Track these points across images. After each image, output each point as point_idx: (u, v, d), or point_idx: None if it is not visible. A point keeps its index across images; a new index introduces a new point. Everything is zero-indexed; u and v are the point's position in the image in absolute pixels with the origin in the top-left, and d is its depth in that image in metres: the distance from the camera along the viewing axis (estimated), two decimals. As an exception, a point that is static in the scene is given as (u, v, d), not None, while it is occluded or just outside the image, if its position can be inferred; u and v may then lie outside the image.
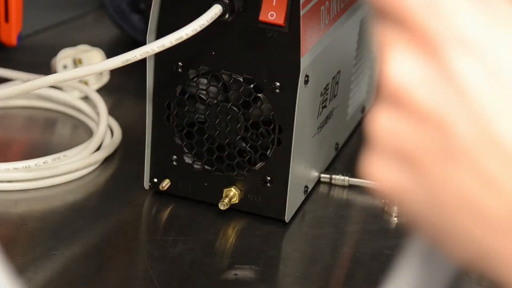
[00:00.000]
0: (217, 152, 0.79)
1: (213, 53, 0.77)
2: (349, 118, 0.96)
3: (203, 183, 0.81)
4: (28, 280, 0.71)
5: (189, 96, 0.79)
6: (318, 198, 0.86)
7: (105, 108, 0.92)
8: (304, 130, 0.79)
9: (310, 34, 0.76)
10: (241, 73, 0.76)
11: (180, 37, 0.70)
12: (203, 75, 0.78)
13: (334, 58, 0.85)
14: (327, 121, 0.86)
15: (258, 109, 0.77)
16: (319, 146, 0.86)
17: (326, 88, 0.84)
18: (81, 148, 0.88)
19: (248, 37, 0.75)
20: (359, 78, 0.96)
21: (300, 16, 0.73)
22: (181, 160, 0.81)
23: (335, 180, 0.87)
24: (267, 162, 0.78)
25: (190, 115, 0.79)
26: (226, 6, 0.73)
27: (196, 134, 0.79)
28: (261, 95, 0.76)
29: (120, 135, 0.92)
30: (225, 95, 0.77)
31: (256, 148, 0.78)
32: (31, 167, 0.83)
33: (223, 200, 0.79)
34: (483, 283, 0.74)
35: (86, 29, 1.18)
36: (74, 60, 1.01)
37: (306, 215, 0.83)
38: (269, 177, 0.79)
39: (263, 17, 0.74)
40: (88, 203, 0.83)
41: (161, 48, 0.70)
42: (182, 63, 0.78)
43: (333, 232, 0.81)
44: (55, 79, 0.71)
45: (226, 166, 0.80)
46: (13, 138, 0.94)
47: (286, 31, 0.74)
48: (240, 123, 0.78)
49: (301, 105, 0.76)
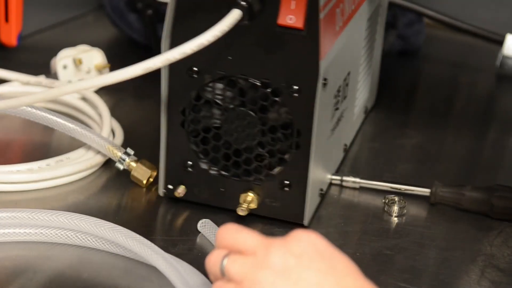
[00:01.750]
0: (234, 157, 0.78)
1: (229, 57, 0.76)
2: (355, 118, 0.96)
3: (219, 188, 0.80)
4: (29, 280, 0.71)
5: (205, 101, 0.78)
6: (330, 200, 0.85)
7: (107, 110, 0.92)
8: (321, 133, 0.78)
9: (327, 37, 0.75)
10: (258, 77, 0.75)
11: (201, 44, 0.69)
12: (219, 79, 0.77)
13: (346, 60, 0.85)
14: (338, 123, 0.86)
15: (275, 113, 0.76)
16: (332, 148, 0.85)
17: (338, 90, 0.83)
18: (84, 151, 0.87)
19: (265, 41, 0.74)
20: (364, 77, 0.96)
21: (319, 20, 0.72)
22: (196, 166, 0.80)
23: (346, 182, 0.87)
24: (285, 166, 0.78)
25: (206, 120, 0.78)
26: (245, 11, 0.72)
27: (212, 139, 0.78)
28: (278, 99, 0.76)
29: (122, 136, 0.91)
30: (241, 100, 0.76)
31: (273, 152, 0.77)
32: (34, 169, 0.83)
33: (242, 206, 0.78)
34: (483, 283, 0.74)
35: (86, 29, 1.17)
36: (74, 60, 1.01)
37: (322, 218, 0.82)
38: (288, 181, 0.78)
39: (281, 21, 0.73)
40: (90, 204, 0.82)
41: (183, 55, 0.69)
42: (197, 68, 0.77)
43: (334, 232, 0.81)
44: (79, 87, 0.70)
45: (243, 171, 0.79)
46: (14, 140, 0.93)
47: (305, 35, 0.73)
48: (257, 128, 0.77)
49: (319, 109, 0.75)
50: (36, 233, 0.75)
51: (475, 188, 0.84)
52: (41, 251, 0.74)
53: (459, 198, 0.84)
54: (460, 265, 0.77)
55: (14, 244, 0.75)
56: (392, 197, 0.84)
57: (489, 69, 1.18)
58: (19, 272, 0.72)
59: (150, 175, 0.84)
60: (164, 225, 0.81)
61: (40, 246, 0.75)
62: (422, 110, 1.09)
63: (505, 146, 1.00)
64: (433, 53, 1.23)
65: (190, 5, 0.75)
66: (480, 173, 0.94)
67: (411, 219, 0.83)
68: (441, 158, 0.97)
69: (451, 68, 1.21)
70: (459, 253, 0.79)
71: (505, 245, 0.80)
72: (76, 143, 0.88)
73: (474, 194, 0.83)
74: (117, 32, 1.14)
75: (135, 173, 0.84)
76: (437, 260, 0.78)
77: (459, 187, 0.84)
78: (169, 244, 0.76)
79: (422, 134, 1.01)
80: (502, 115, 1.09)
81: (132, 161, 0.85)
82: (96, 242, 0.74)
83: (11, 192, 0.82)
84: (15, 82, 0.98)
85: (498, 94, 1.16)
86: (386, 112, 1.05)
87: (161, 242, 0.75)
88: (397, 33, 1.18)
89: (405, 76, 1.17)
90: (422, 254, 0.78)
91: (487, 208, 0.83)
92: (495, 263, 0.77)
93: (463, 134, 1.02)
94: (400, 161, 0.94)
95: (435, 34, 1.25)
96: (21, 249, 0.74)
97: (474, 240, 0.81)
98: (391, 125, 1.03)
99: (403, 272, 0.75)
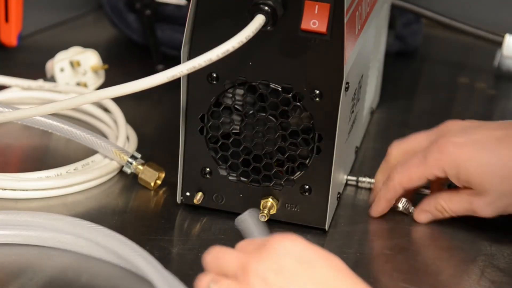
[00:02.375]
0: (253, 163, 0.78)
1: (250, 63, 0.75)
2: (364, 120, 0.95)
3: (239, 194, 0.79)
4: (29, 280, 0.70)
5: (224, 107, 0.77)
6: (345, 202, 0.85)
7: (123, 116, 0.91)
8: (341, 137, 0.78)
9: (350, 41, 0.75)
10: (280, 82, 0.75)
11: (227, 50, 0.69)
12: (239, 85, 0.76)
13: (362, 63, 0.84)
14: (353, 126, 0.85)
15: (296, 118, 0.75)
16: (348, 151, 0.85)
17: (355, 93, 0.83)
18: (103, 156, 0.86)
19: (288, 45, 0.74)
20: (370, 79, 0.95)
21: (344, 24, 0.72)
22: (215, 173, 0.79)
23: (362, 182, 0.87)
24: (305, 171, 0.77)
25: (225, 126, 0.77)
26: (269, 16, 0.71)
27: (231, 145, 0.77)
28: (300, 104, 0.75)
29: (136, 140, 0.91)
30: (262, 105, 0.76)
31: (294, 157, 0.77)
32: (62, 174, 0.82)
33: (263, 212, 0.78)
34: (483, 283, 0.75)
35: (86, 29, 1.16)
36: (72, 63, 1.00)
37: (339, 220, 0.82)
38: (308, 186, 0.77)
39: (305, 26, 0.72)
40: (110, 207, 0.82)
41: (208, 62, 0.68)
42: (217, 74, 0.76)
43: (334, 232, 0.81)
44: (103, 95, 0.69)
45: (263, 176, 0.78)
46: (22, 146, 0.92)
47: (328, 39, 0.72)
48: (277, 133, 0.76)
49: (341, 113, 0.75)
50: (35, 237, 0.74)
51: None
52: (41, 251, 0.74)
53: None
54: (460, 265, 0.77)
55: (14, 245, 0.74)
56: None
57: (488, 69, 1.19)
58: (19, 272, 0.71)
59: (158, 177, 0.84)
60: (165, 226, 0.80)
61: (40, 246, 0.74)
62: (422, 110, 1.09)
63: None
64: (433, 53, 1.23)
65: (210, 12, 0.74)
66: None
67: (411, 219, 0.83)
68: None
69: (451, 68, 1.22)
70: (459, 253, 0.79)
71: (505, 245, 0.80)
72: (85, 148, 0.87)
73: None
74: (116, 32, 1.13)
75: (142, 175, 0.84)
76: (437, 260, 0.78)
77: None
78: (169, 245, 0.76)
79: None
80: (501, 115, 1.09)
81: (139, 164, 0.84)
82: (90, 247, 0.74)
83: (36, 199, 0.82)
84: (15, 87, 0.97)
85: (498, 94, 1.16)
86: (386, 112, 1.05)
87: (162, 242, 0.75)
88: (394, 33, 1.18)
89: (405, 76, 1.17)
90: (422, 254, 0.78)
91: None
92: (495, 263, 0.77)
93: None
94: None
95: (434, 35, 1.25)
96: (21, 250, 0.74)
97: (474, 240, 0.81)
98: (391, 125, 1.03)
99: (403, 272, 0.75)
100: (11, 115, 0.78)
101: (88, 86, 1.01)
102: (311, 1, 0.72)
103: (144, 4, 1.10)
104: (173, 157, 0.80)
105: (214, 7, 0.74)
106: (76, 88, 0.98)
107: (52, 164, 0.84)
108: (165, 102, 1.01)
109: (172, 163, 0.81)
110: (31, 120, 0.85)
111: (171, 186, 0.82)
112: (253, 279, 0.60)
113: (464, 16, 1.21)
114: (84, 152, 0.87)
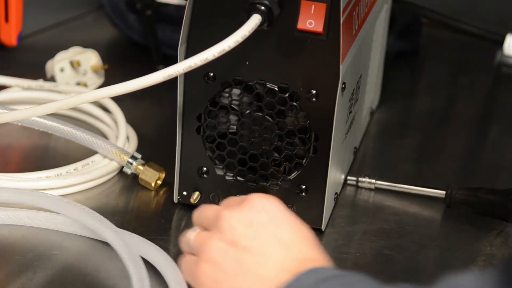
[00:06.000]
0: (250, 163, 0.78)
1: (246, 62, 0.75)
2: (363, 120, 0.95)
3: (235, 194, 0.79)
4: (29, 280, 0.70)
5: (221, 107, 0.77)
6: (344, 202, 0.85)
7: (123, 116, 0.91)
8: (338, 137, 0.78)
9: (346, 41, 0.75)
10: (276, 82, 0.75)
11: (223, 50, 0.69)
12: (235, 85, 0.76)
13: (359, 63, 0.84)
14: (351, 126, 0.85)
15: (293, 118, 0.76)
16: (345, 152, 0.85)
17: (352, 93, 0.83)
18: (103, 156, 0.86)
19: (284, 45, 0.74)
20: (369, 79, 0.95)
21: (340, 24, 0.72)
22: (211, 172, 0.79)
23: (362, 182, 0.87)
24: (302, 170, 0.77)
25: (222, 126, 0.77)
26: (265, 15, 0.71)
27: (228, 145, 0.78)
28: (296, 104, 0.75)
29: (136, 140, 0.91)
30: (258, 105, 0.76)
31: (291, 157, 0.77)
32: (62, 174, 0.83)
33: (259, 211, 0.78)
34: None
35: (86, 29, 1.16)
36: (72, 62, 1.00)
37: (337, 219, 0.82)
38: (305, 185, 0.77)
39: (301, 26, 0.72)
40: (110, 207, 0.82)
41: (204, 61, 0.69)
42: (213, 73, 0.76)
43: (334, 231, 0.81)
44: (101, 94, 0.69)
45: (260, 176, 0.78)
46: (21, 147, 0.92)
47: (325, 39, 0.73)
48: (274, 133, 0.76)
49: (338, 113, 0.75)
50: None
51: (490, 190, 0.84)
52: (41, 251, 0.74)
53: (474, 201, 0.84)
54: (460, 265, 0.77)
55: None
56: None
57: (489, 69, 1.18)
58: (19, 272, 0.71)
59: (158, 177, 0.84)
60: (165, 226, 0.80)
61: (40, 246, 0.75)
62: (422, 110, 1.09)
63: (505, 146, 1.01)
64: (433, 53, 1.23)
65: (207, 11, 0.74)
66: (480, 173, 0.94)
67: (411, 219, 0.83)
68: (441, 158, 0.97)
69: (451, 68, 1.21)
70: (459, 253, 0.79)
71: (505, 245, 0.80)
72: (85, 149, 0.87)
73: (490, 197, 0.83)
74: (117, 32, 1.13)
75: (143, 176, 0.84)
76: (437, 260, 0.78)
77: (474, 189, 0.84)
78: (169, 245, 0.76)
79: (422, 134, 1.01)
80: (502, 115, 1.09)
81: (140, 164, 0.84)
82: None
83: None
84: (15, 87, 0.97)
85: (498, 94, 1.16)
86: (386, 112, 1.05)
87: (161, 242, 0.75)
88: (394, 33, 1.18)
89: (405, 76, 1.17)
90: (422, 254, 0.78)
91: (503, 211, 0.83)
92: (495, 263, 0.77)
93: (463, 134, 1.02)
94: (400, 161, 0.94)
95: (434, 34, 1.25)
96: (22, 248, 0.74)
97: (474, 240, 0.81)
98: (391, 125, 1.03)
99: (403, 272, 0.75)
100: (9, 116, 0.78)
101: (88, 86, 1.01)
102: (307, 1, 0.72)
103: (145, 4, 1.10)
104: (173, 157, 0.80)
105: (210, 7, 0.74)
106: (76, 88, 0.98)
107: (52, 164, 0.84)
108: (165, 102, 1.01)
109: (172, 163, 0.81)
110: (30, 121, 0.86)
111: (171, 186, 0.82)
112: (223, 226, 0.64)
113: (464, 16, 1.21)
114: (84, 153, 0.87)
